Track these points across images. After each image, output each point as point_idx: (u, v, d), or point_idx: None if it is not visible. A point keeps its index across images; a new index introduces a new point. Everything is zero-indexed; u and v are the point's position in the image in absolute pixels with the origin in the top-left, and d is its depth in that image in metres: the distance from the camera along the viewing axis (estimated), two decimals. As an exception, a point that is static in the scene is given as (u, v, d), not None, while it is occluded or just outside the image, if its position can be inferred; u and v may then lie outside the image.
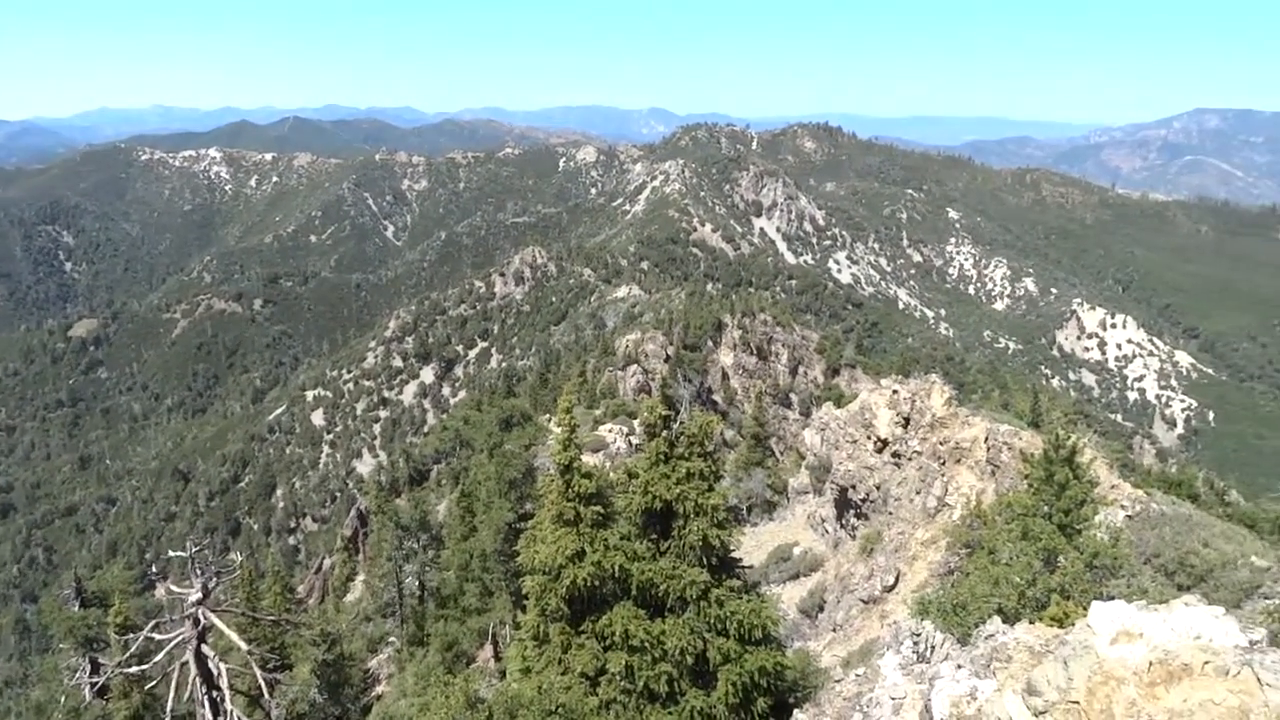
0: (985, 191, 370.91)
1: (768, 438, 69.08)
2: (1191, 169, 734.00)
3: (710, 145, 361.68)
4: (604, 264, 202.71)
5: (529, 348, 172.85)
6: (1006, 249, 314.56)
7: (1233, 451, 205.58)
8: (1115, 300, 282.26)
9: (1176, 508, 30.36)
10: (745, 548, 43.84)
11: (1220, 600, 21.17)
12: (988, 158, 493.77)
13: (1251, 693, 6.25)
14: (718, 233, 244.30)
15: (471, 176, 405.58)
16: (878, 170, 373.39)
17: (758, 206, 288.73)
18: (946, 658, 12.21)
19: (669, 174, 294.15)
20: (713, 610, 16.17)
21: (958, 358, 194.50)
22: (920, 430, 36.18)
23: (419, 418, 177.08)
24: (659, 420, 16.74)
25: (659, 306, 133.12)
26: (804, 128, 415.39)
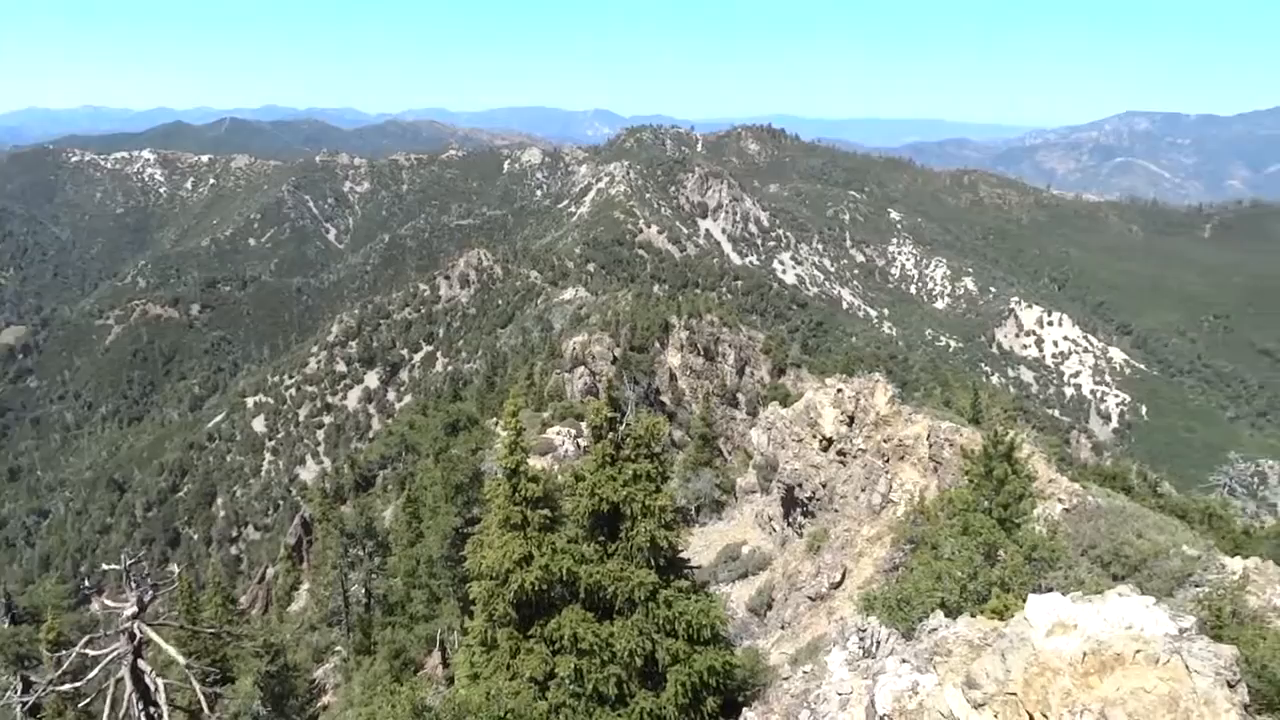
0: (925, 193, 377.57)
1: (715, 438, 69.39)
2: (1122, 170, 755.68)
3: (655, 147, 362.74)
4: (550, 266, 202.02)
5: (475, 351, 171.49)
6: (946, 249, 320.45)
7: (1164, 444, 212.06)
8: (1051, 298, 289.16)
9: (1111, 500, 31.21)
10: (694, 548, 44.05)
11: (1154, 589, 21.80)
12: (927, 159, 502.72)
13: (1180, 679, 6.45)
14: (663, 234, 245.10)
15: (415, 178, 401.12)
16: (820, 172, 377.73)
17: (703, 208, 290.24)
18: (892, 653, 12.39)
19: (614, 176, 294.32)
20: (661, 611, 16.18)
21: (901, 356, 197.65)
22: (864, 428, 36.69)
23: (363, 423, 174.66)
24: (605, 422, 16.73)
25: (606, 308, 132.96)
26: (748, 129, 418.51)
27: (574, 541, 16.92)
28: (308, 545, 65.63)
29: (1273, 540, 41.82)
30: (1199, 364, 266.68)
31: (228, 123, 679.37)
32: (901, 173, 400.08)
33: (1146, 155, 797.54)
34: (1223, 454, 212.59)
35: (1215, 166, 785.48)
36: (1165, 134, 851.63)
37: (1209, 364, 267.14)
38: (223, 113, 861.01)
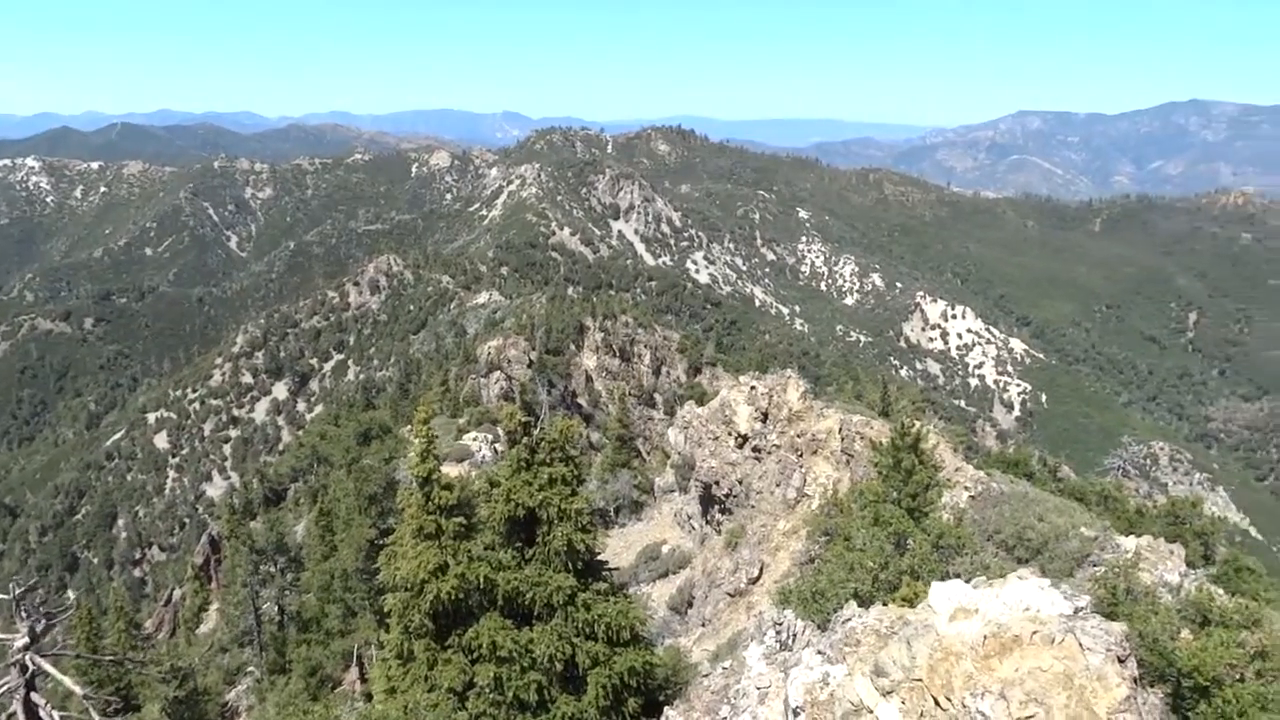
0: (832, 191, 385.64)
1: (633, 439, 69.58)
2: (1017, 167, 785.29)
3: (565, 149, 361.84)
4: (463, 270, 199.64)
5: (388, 358, 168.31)
6: (854, 246, 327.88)
7: (1063, 430, 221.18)
8: (955, 292, 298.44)
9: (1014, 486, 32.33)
10: (614, 549, 44.06)
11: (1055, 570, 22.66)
12: (833, 159, 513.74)
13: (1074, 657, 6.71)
14: (576, 236, 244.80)
15: (320, 183, 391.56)
16: (730, 172, 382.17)
17: (615, 209, 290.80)
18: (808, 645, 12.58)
19: (525, 178, 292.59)
20: (580, 614, 16.13)
21: (813, 352, 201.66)
22: (778, 424, 37.23)
23: (272, 436, 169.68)
24: (519, 427, 16.59)
25: (520, 312, 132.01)
26: (657, 130, 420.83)
27: (490, 548, 16.74)
28: (216, 564, 63.48)
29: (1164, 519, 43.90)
30: (1093, 352, 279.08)
31: (119, 128, 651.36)
32: (809, 172, 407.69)
33: (1039, 153, 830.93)
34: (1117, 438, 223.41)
35: (1103, 163, 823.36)
36: (1056, 132, 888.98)
37: (1102, 352, 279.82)
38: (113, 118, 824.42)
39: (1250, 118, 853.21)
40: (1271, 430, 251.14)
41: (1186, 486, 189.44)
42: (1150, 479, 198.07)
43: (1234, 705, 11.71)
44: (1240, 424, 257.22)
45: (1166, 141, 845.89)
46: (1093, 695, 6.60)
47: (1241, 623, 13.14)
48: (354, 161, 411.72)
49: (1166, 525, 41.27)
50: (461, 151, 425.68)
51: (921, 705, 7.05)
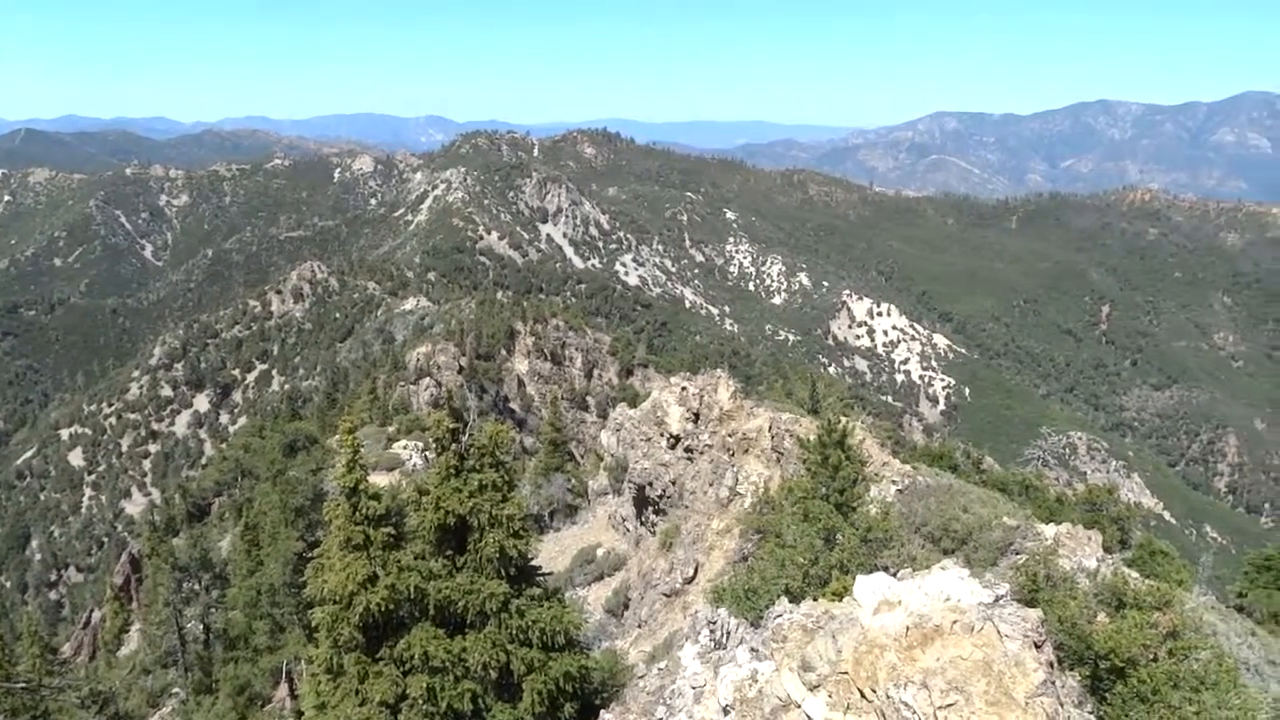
0: (758, 192, 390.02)
1: (566, 442, 69.36)
2: (936, 167, 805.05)
3: (492, 152, 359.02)
4: (389, 276, 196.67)
5: (313, 367, 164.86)
6: (781, 246, 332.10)
7: (986, 422, 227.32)
8: (879, 290, 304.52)
9: (939, 478, 33.06)
10: (549, 553, 43.84)
11: (979, 560, 23.23)
12: (758, 160, 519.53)
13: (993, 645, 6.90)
14: (504, 240, 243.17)
15: (238, 190, 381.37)
16: (657, 174, 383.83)
17: (543, 213, 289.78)
18: (741, 642, 12.69)
19: (451, 182, 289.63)
20: (514, 621, 16.02)
21: (743, 352, 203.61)
22: (710, 424, 37.49)
23: (194, 449, 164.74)
24: (447, 434, 16.41)
25: (449, 317, 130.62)
26: (584, 133, 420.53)
27: (421, 557, 16.53)
28: (137, 583, 61.38)
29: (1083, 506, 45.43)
30: (1013, 346, 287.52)
31: (22, 134, 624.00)
32: (735, 173, 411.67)
33: (957, 153, 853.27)
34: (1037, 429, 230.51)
35: (1017, 162, 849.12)
36: (972, 132, 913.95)
37: (1021, 345, 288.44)
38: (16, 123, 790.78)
39: (1154, 117, 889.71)
40: (1180, 418, 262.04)
41: (1103, 474, 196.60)
42: (1069, 467, 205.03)
43: (1148, 684, 12.15)
44: (1152, 412, 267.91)
45: (1076, 140, 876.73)
46: (1011, 681, 6.81)
47: (1154, 604, 13.65)
48: (274, 167, 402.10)
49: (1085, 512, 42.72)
50: (385, 156, 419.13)
51: (848, 698, 7.18)
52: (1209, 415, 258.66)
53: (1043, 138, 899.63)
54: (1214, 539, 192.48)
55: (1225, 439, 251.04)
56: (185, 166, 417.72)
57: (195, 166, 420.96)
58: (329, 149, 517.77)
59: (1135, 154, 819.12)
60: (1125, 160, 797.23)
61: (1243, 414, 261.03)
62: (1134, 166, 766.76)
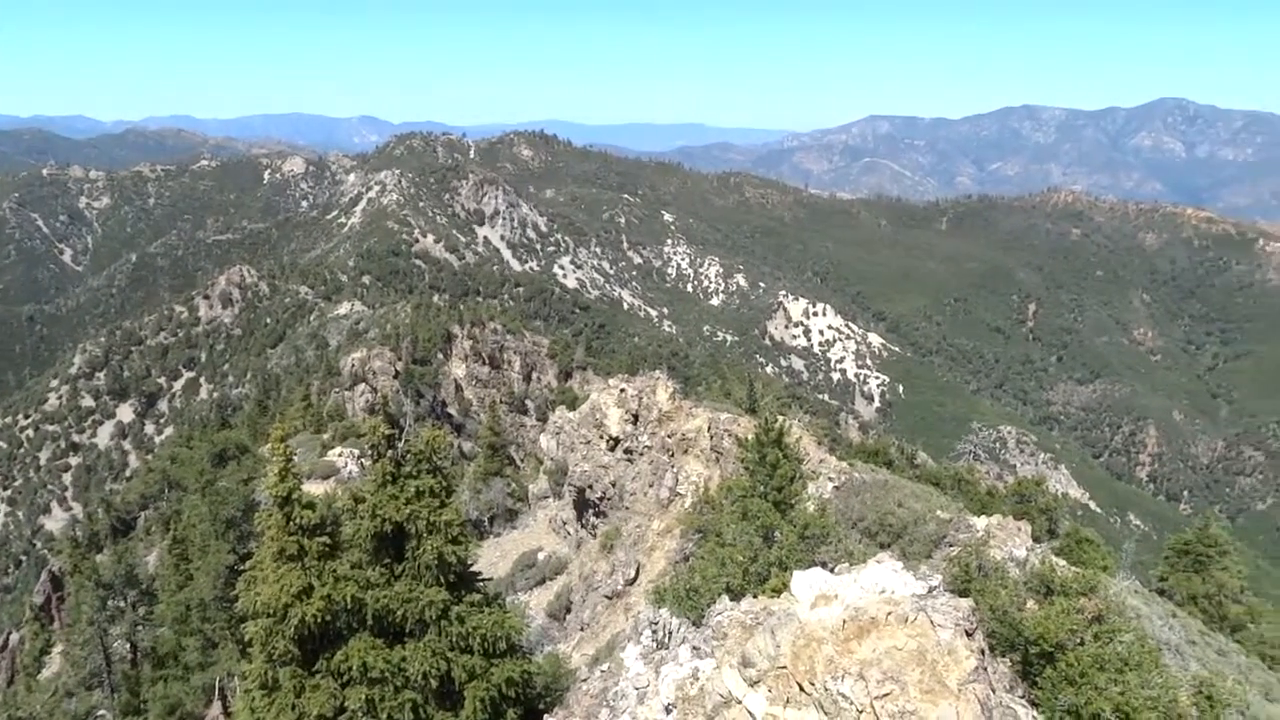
0: (695, 194, 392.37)
1: (505, 446, 68.93)
2: (869, 170, 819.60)
3: (427, 154, 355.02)
4: (322, 280, 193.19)
5: (244, 374, 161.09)
6: (717, 248, 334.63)
7: (920, 419, 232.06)
8: (815, 290, 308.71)
9: (875, 474, 33.69)
10: (489, 559, 43.52)
11: (915, 553, 23.73)
12: (695, 163, 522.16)
13: (926, 634, 7.06)
14: (440, 243, 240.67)
15: (163, 191, 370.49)
16: (594, 176, 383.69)
17: (480, 215, 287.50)
18: (683, 642, 12.75)
19: (386, 184, 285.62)
20: (454, 628, 15.84)
21: (682, 353, 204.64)
22: (649, 425, 37.61)
23: (118, 462, 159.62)
24: (383, 440, 16.16)
25: (384, 322, 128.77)
26: (521, 135, 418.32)
27: (357, 566, 16.25)
28: (58, 603, 59.20)
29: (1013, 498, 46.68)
30: (944, 344, 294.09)
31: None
32: (672, 176, 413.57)
33: (889, 156, 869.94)
34: (968, 424, 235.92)
35: (947, 165, 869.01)
36: (904, 136, 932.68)
37: (952, 343, 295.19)
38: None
39: (1076, 122, 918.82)
40: (1103, 411, 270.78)
41: (1032, 466, 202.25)
42: (999, 461, 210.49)
43: (1076, 667, 12.56)
44: (1077, 406, 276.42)
45: (1003, 144, 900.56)
46: (944, 669, 6.97)
47: (1080, 590, 14.10)
48: (200, 168, 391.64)
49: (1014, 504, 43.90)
50: (317, 157, 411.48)
51: (787, 692, 7.28)
52: (1130, 408, 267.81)
53: (971, 141, 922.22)
54: (1137, 526, 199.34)
55: (1145, 430, 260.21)
56: (106, 167, 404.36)
57: (117, 167, 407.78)
58: (259, 150, 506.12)
59: (1059, 157, 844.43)
60: (1050, 163, 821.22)
61: (1161, 406, 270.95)
62: (1058, 169, 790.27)
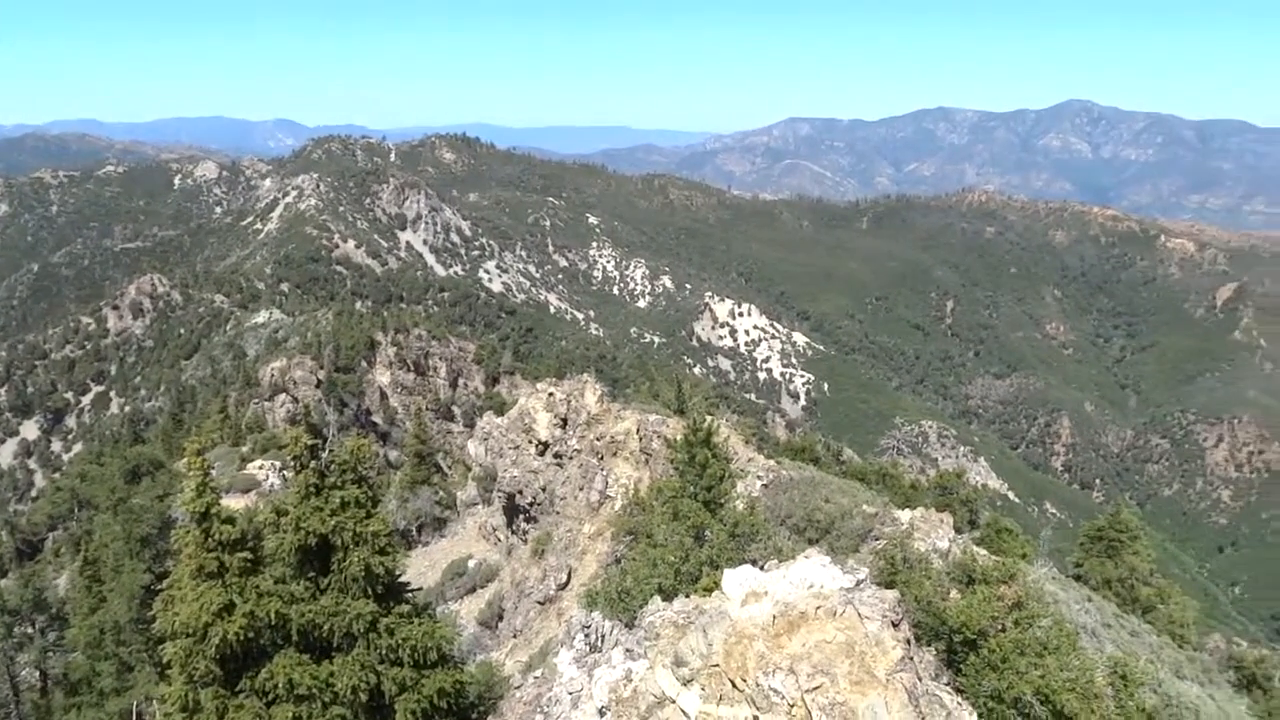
0: (620, 197, 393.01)
1: (432, 454, 68.01)
2: (790, 171, 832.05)
3: (346, 158, 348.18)
4: (238, 288, 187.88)
5: (156, 387, 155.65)
6: (643, 249, 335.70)
7: (845, 416, 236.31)
8: (740, 291, 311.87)
9: (802, 471, 34.20)
10: (418, 568, 42.89)
11: (842, 547, 24.12)
12: (619, 165, 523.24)
13: (854, 627, 7.19)
14: (361, 248, 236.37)
15: (67, 198, 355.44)
16: (518, 179, 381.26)
17: (401, 220, 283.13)
18: (616, 644, 12.74)
19: (303, 189, 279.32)
20: (383, 640, 15.59)
21: (609, 355, 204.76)
22: (578, 429, 37.55)
23: (23, 481, 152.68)
24: (305, 451, 15.81)
25: (305, 330, 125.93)
26: (442, 139, 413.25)
27: (281, 581, 15.87)
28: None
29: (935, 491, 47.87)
30: (867, 341, 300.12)
31: None
32: (596, 178, 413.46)
33: (809, 157, 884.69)
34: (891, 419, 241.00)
35: (866, 166, 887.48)
36: (824, 138, 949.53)
37: (874, 340, 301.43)
38: None
39: (988, 123, 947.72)
40: (1019, 404, 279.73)
41: (953, 460, 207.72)
42: (922, 455, 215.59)
43: (997, 653, 12.94)
44: (994, 400, 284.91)
45: (919, 145, 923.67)
46: (872, 660, 7.11)
47: (1000, 578, 14.52)
48: (107, 174, 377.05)
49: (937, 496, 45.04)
50: (231, 162, 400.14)
51: (720, 689, 7.34)
52: (1044, 400, 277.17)
53: (889, 143, 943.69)
54: (1053, 514, 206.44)
55: (1060, 421, 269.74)
56: (4, 173, 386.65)
57: (16, 172, 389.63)
58: (168, 154, 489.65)
59: (972, 158, 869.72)
60: (964, 163, 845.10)
61: (1074, 398, 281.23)
62: (972, 169, 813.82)
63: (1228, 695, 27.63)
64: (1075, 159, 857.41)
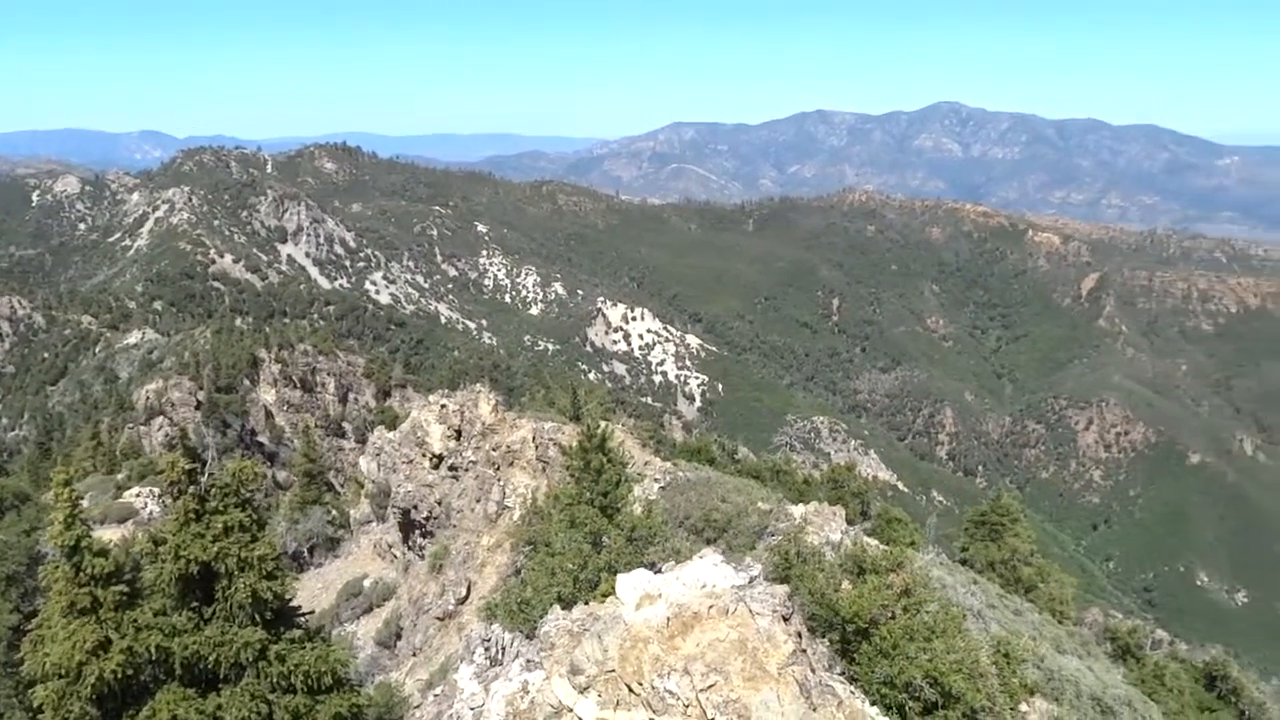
0: (508, 204, 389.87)
1: (323, 472, 66.12)
2: (677, 175, 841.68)
3: (220, 170, 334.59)
4: (107, 308, 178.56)
5: (19, 415, 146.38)
6: (534, 257, 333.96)
7: (739, 415, 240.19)
8: (633, 295, 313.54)
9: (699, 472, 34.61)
10: (312, 591, 41.61)
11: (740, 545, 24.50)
12: (506, 172, 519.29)
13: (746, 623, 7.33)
14: (240, 263, 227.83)
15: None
16: (403, 188, 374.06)
17: (282, 232, 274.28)
18: (517, 656, 12.64)
19: (175, 203, 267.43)
20: (274, 668, 15.07)
21: (503, 364, 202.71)
22: (473, 440, 37.09)
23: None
24: (183, 476, 15.14)
25: (182, 349, 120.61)
26: (321, 148, 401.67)
27: (162, 613, 15.16)
28: None
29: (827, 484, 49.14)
30: (758, 341, 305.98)
31: None
32: (483, 186, 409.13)
33: (695, 161, 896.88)
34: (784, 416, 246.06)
35: (750, 169, 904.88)
36: (708, 142, 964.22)
37: (765, 340, 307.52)
38: None
39: (864, 125, 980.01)
40: (905, 396, 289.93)
41: (844, 453, 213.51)
42: (815, 450, 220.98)
43: (888, 640, 13.38)
44: (881, 393, 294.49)
45: (800, 147, 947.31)
46: (764, 655, 7.27)
47: (889, 567, 15.00)
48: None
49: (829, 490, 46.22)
50: (94, 176, 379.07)
51: (617, 695, 7.36)
52: (928, 392, 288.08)
53: (771, 145, 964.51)
54: (940, 502, 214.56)
55: (943, 412, 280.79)
56: None
57: None
58: (24, 169, 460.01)
59: (851, 159, 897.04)
60: (843, 164, 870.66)
61: (955, 388, 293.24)
62: (851, 170, 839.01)
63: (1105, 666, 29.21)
64: (947, 158, 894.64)
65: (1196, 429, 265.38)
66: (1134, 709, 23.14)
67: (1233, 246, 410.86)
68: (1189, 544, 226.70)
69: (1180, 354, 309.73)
